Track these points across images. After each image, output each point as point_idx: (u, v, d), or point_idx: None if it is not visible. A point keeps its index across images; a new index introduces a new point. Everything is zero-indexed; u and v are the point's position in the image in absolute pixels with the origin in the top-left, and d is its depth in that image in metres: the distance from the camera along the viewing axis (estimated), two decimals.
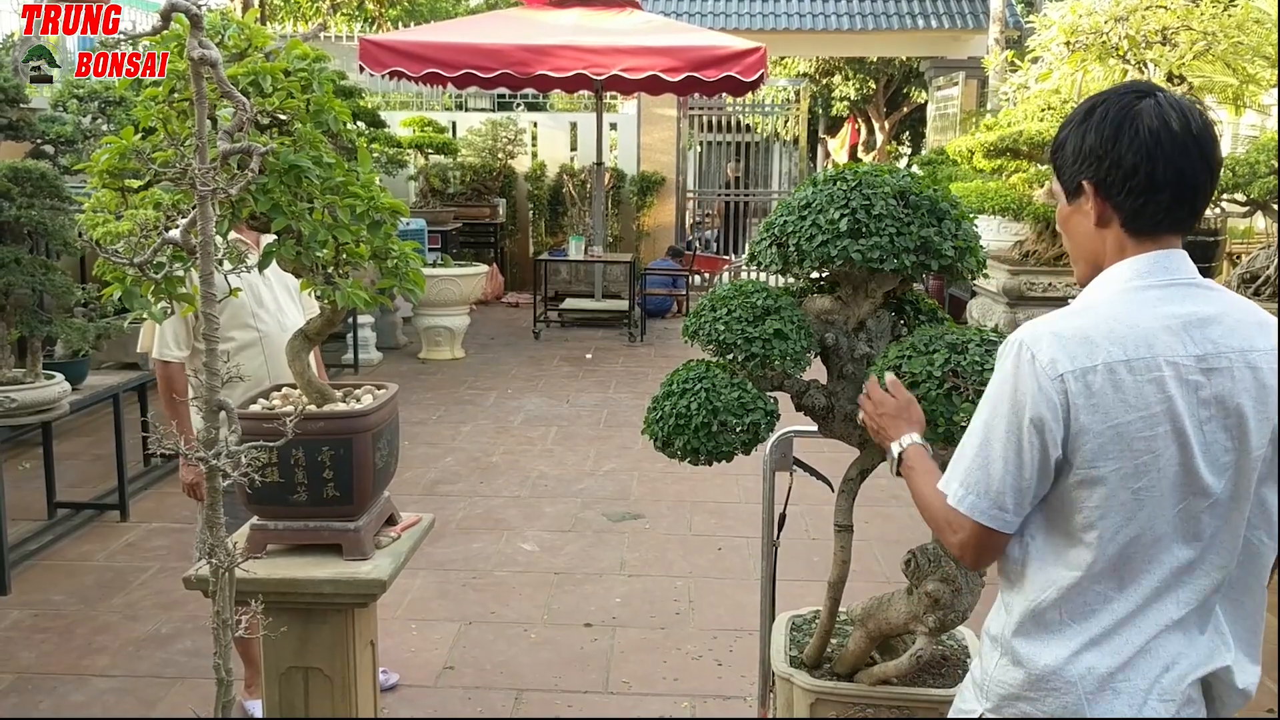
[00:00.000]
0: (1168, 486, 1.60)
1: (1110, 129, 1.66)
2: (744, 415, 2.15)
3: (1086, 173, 1.69)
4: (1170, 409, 1.58)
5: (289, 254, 2.27)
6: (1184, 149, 1.64)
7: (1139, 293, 1.64)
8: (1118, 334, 1.60)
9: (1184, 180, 1.65)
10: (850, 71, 24.38)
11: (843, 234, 2.17)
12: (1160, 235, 1.68)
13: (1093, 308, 1.67)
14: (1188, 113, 1.66)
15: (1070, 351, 1.60)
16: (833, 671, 2.39)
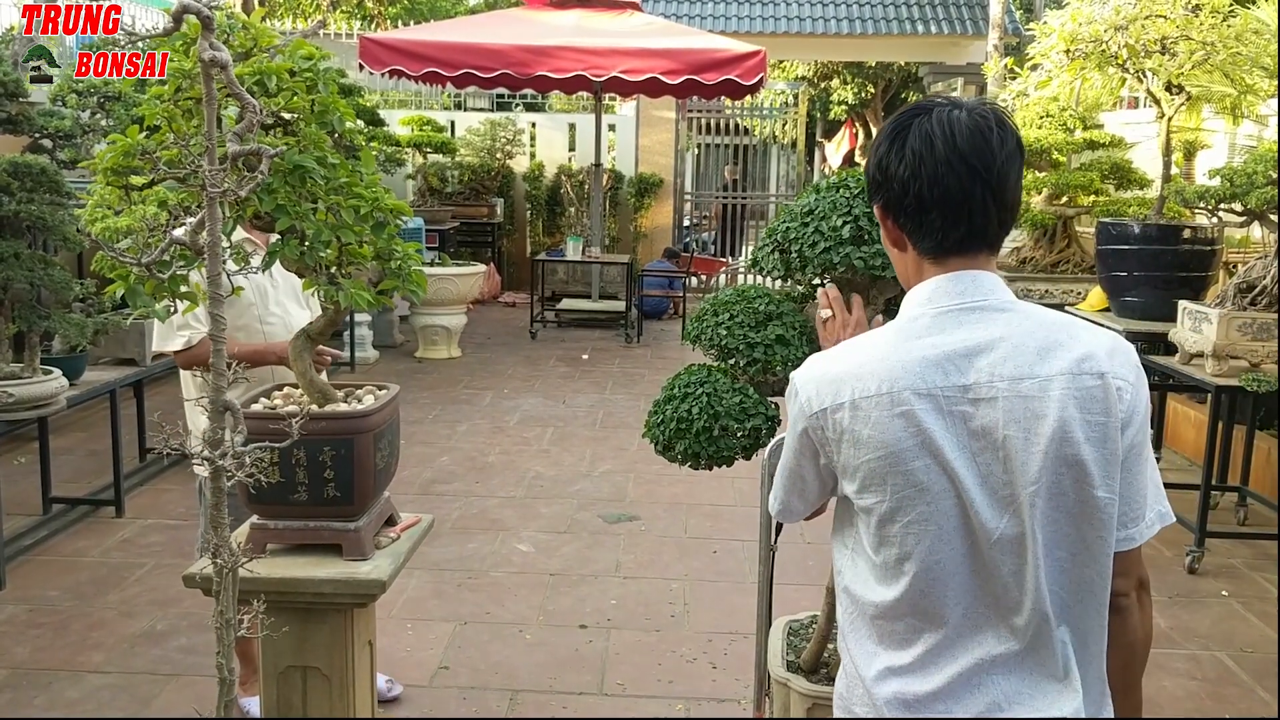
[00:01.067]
0: (946, 521, 1.54)
1: (884, 150, 1.63)
2: (745, 420, 2.16)
3: (875, 196, 1.68)
4: (928, 442, 1.52)
5: (293, 254, 2.28)
6: (947, 165, 1.56)
7: (910, 323, 1.60)
8: (867, 369, 1.57)
9: (950, 197, 1.57)
10: (849, 76, 24.43)
11: (845, 241, 2.19)
12: (948, 257, 1.61)
13: (860, 344, 1.64)
14: (954, 128, 1.57)
15: (821, 390, 1.60)
16: (829, 676, 2.40)
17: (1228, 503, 6.07)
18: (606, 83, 10.42)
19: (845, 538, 1.70)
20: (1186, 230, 6.11)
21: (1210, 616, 4.65)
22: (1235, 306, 5.22)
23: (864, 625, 1.64)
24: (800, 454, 1.67)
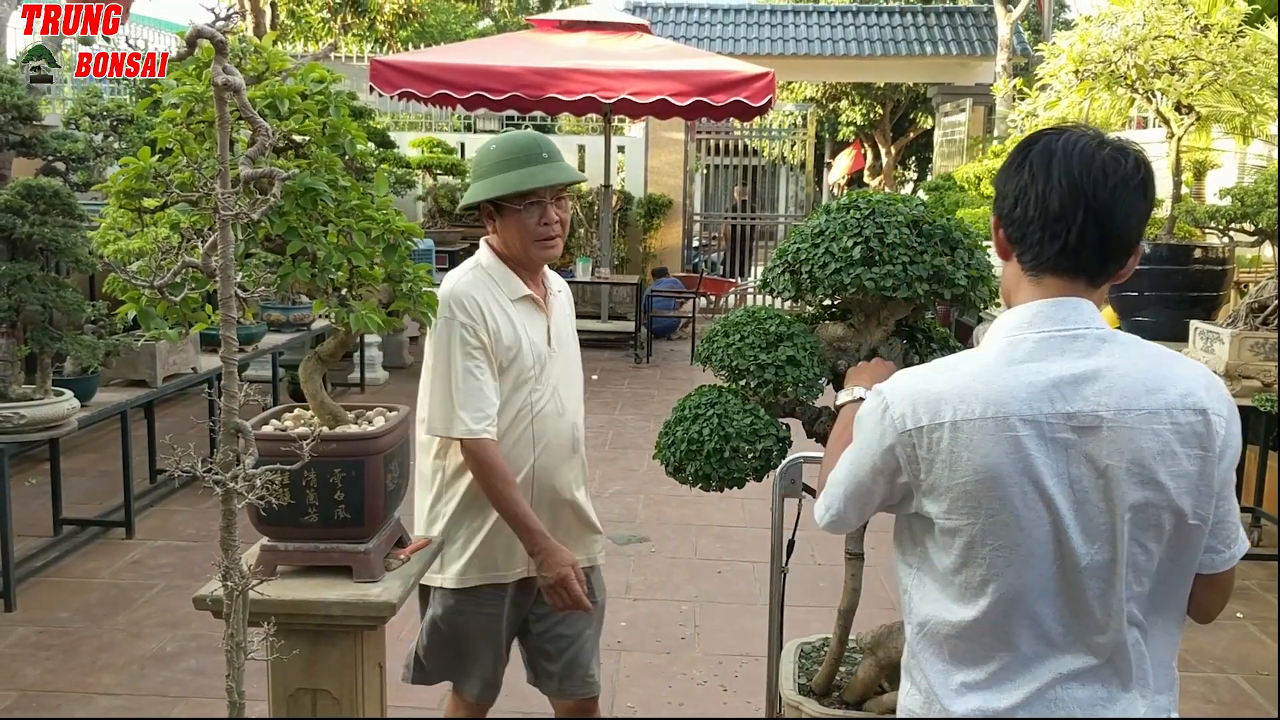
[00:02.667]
0: (1037, 546, 1.55)
1: (1007, 163, 1.69)
2: (756, 442, 2.16)
3: (995, 206, 1.71)
4: (1028, 469, 1.54)
5: (304, 276, 2.28)
6: (1055, 186, 1.59)
7: (1011, 347, 1.61)
8: (970, 391, 1.57)
9: (1051, 216, 1.59)
10: (857, 97, 24.47)
11: (856, 262, 2.18)
12: (1045, 276, 1.63)
13: (958, 364, 1.65)
14: (1078, 153, 1.60)
15: (918, 408, 1.60)
16: (842, 700, 2.38)
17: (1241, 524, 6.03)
18: (616, 104, 10.47)
19: (910, 556, 1.72)
20: (1197, 250, 6.10)
21: (1225, 639, 4.61)
22: (1247, 326, 5.21)
23: (934, 643, 1.66)
24: (877, 469, 1.67)
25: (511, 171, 2.62)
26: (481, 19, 26.80)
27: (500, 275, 2.71)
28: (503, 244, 2.73)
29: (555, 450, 2.80)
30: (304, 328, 7.76)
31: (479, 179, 2.66)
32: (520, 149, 2.64)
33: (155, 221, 2.44)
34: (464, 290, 2.64)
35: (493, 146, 2.68)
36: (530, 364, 2.70)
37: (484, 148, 2.71)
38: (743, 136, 15.60)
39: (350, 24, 19.25)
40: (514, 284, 2.71)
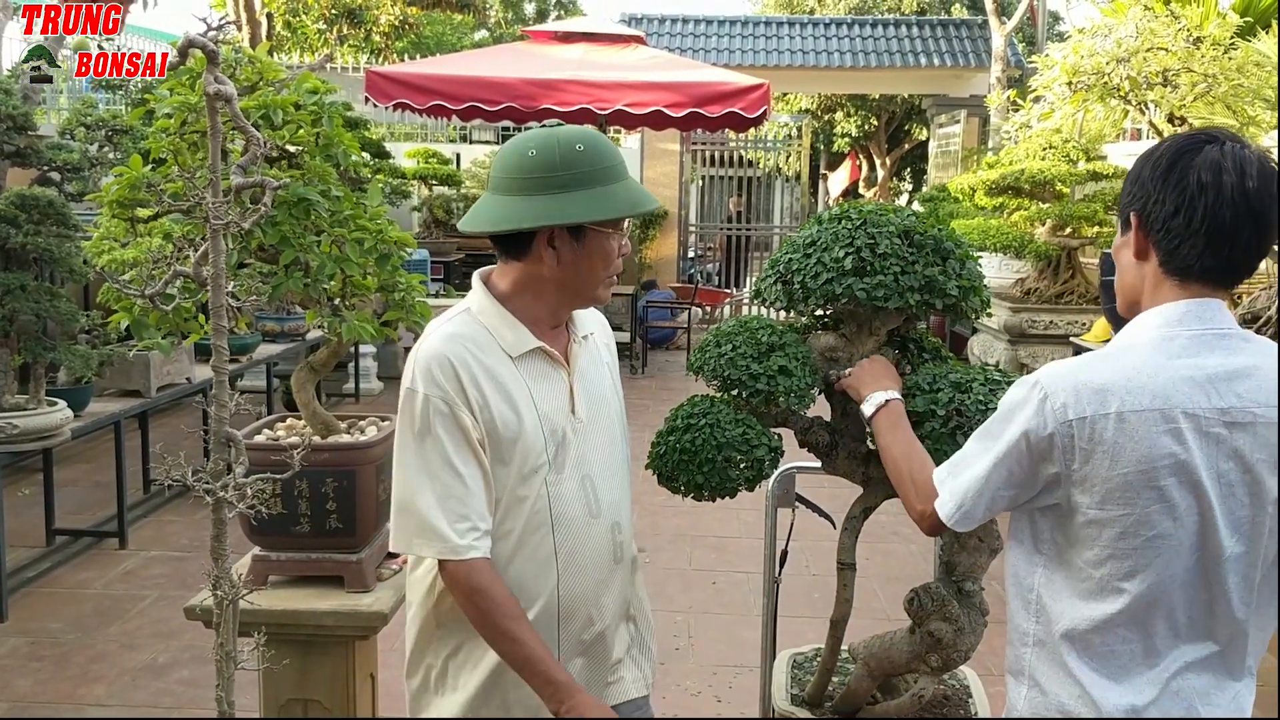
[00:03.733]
0: (1185, 538, 1.60)
1: (1164, 167, 1.69)
2: (749, 451, 2.15)
3: (1135, 204, 1.73)
4: (1186, 461, 1.57)
5: (297, 286, 2.28)
6: (1227, 202, 1.63)
7: (1166, 342, 1.65)
8: (1136, 384, 1.60)
9: (1220, 231, 1.64)
10: (852, 108, 24.54)
11: (848, 272, 2.19)
12: (1192, 282, 1.68)
13: (1116, 355, 1.67)
14: (1244, 166, 1.64)
15: (1082, 398, 1.61)
16: (834, 710, 2.38)
17: None
18: (611, 115, 10.46)
19: (1038, 554, 1.74)
20: None
21: None
22: None
23: (1070, 641, 1.68)
24: (1025, 459, 1.66)
25: (611, 185, 1.94)
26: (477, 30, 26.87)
27: (498, 324, 1.97)
28: (560, 278, 1.99)
29: (588, 564, 2.00)
30: (299, 338, 7.75)
31: (553, 190, 1.90)
32: (610, 156, 1.96)
33: (149, 231, 2.45)
34: (439, 352, 1.91)
35: (580, 147, 1.92)
36: (541, 447, 1.94)
37: (559, 148, 1.92)
38: (738, 148, 15.62)
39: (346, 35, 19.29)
40: (518, 335, 1.97)
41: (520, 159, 1.92)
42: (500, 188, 1.95)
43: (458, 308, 2.04)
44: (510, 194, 1.92)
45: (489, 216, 1.94)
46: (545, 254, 1.95)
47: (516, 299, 2.01)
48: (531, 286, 2.01)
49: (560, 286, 2.01)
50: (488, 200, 1.96)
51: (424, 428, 1.88)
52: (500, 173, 1.95)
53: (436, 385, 1.88)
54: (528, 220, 1.89)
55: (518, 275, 2.01)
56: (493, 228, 1.93)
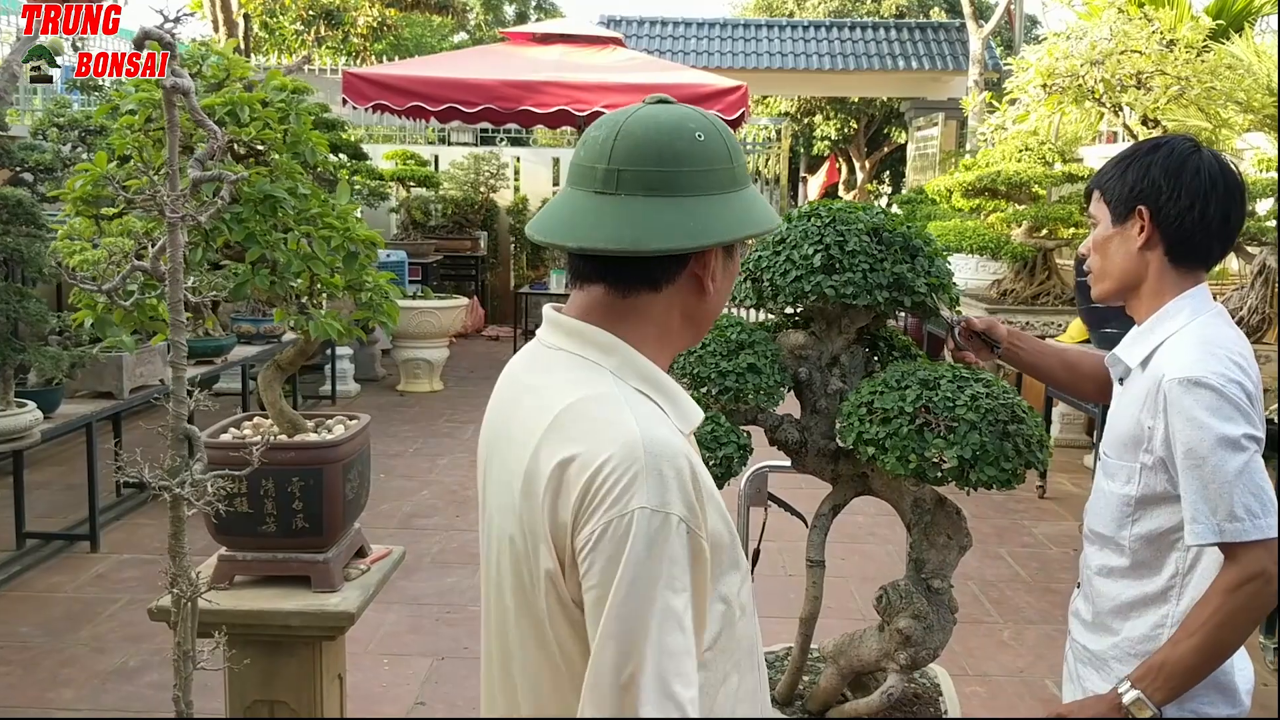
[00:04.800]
0: None
1: (1175, 166, 1.92)
2: (717, 449, 2.15)
3: (1147, 200, 1.93)
4: None
5: (263, 284, 2.26)
6: (1232, 196, 1.91)
7: (1217, 318, 1.94)
8: (1246, 357, 1.89)
9: (1228, 223, 1.92)
10: (831, 111, 24.60)
11: (816, 270, 2.18)
12: (1196, 268, 1.97)
13: (1214, 337, 1.90)
14: (1232, 166, 1.95)
15: (1242, 370, 1.85)
16: (804, 709, 2.37)
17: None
18: (589, 117, 10.46)
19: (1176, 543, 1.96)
20: None
21: None
22: None
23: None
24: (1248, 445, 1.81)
25: (756, 188, 1.54)
26: (457, 33, 26.81)
27: (660, 388, 1.36)
28: (707, 311, 1.42)
29: (759, 667, 1.47)
30: (274, 339, 7.71)
31: (730, 188, 1.35)
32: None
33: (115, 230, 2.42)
34: (677, 448, 1.25)
35: (722, 135, 1.36)
36: (730, 541, 1.34)
37: (721, 132, 1.37)
38: None
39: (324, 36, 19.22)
40: (689, 403, 1.40)
41: (683, 144, 1.31)
42: (637, 184, 1.29)
43: (609, 381, 1.31)
44: (659, 193, 1.29)
45: (654, 228, 1.28)
46: (707, 278, 1.36)
47: (655, 347, 1.37)
48: (673, 327, 1.39)
49: (699, 323, 1.43)
50: (612, 206, 1.30)
51: (673, 567, 1.17)
52: (639, 164, 1.29)
53: (687, 501, 1.21)
54: (726, 230, 1.31)
55: (654, 312, 1.36)
56: (689, 241, 1.28)
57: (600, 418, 1.26)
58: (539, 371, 1.37)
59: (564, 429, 1.26)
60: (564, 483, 1.23)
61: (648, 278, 1.34)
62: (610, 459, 1.20)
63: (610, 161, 1.31)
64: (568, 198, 1.35)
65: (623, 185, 1.30)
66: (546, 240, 1.33)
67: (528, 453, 1.29)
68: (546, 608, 1.26)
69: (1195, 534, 1.82)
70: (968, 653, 4.62)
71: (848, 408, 2.15)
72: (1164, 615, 1.95)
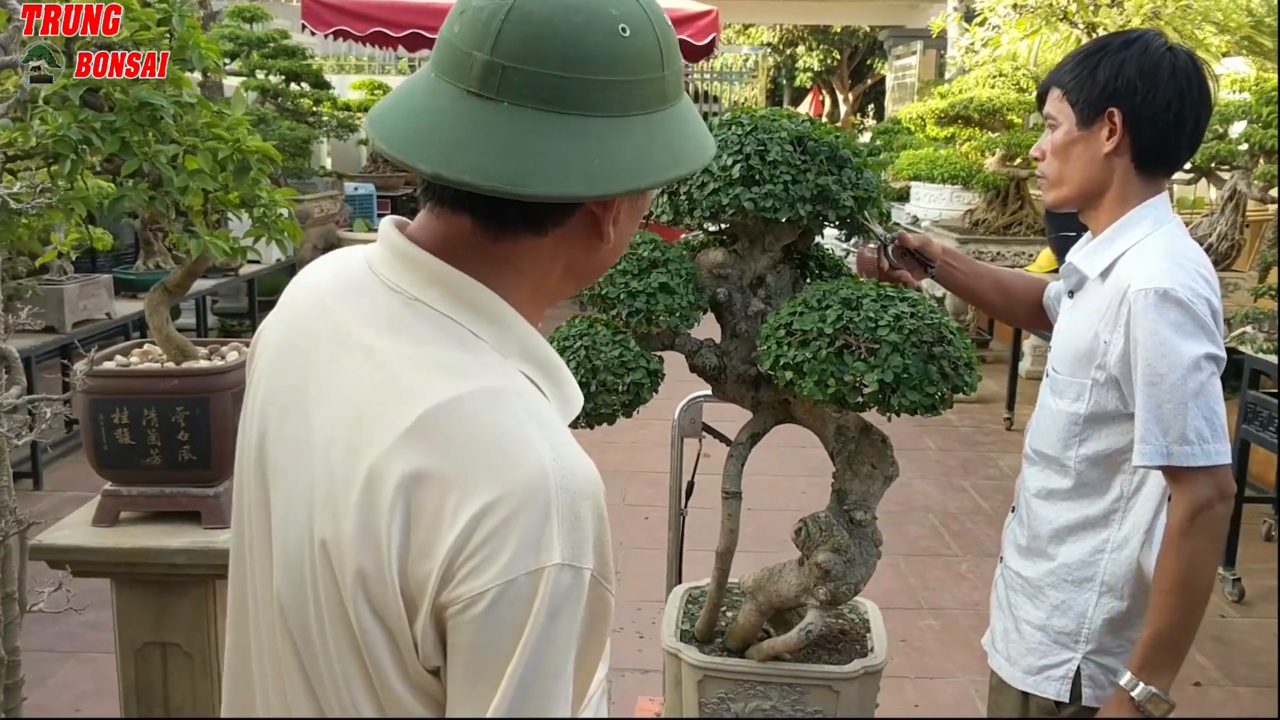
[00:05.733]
0: None
1: (1151, 64, 1.76)
2: (624, 375, 2.01)
3: (1120, 101, 1.79)
4: None
5: (141, 199, 2.10)
6: (1204, 100, 1.79)
7: (1179, 229, 1.86)
8: (1209, 268, 1.82)
9: (1199, 126, 1.81)
10: (814, 42, 24.21)
11: (735, 181, 2.03)
12: (1160, 175, 1.88)
13: (1179, 248, 1.80)
14: (1199, 66, 1.82)
15: (1210, 285, 1.77)
16: (724, 646, 2.27)
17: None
18: None
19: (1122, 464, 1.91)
20: None
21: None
22: None
23: (1141, 540, 1.89)
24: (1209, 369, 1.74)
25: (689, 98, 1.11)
26: None
27: (557, 371, 1.07)
28: (600, 262, 1.11)
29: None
30: (232, 272, 7.53)
31: (658, 104, 1.00)
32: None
33: None
34: (595, 479, 0.97)
35: (656, 31, 1.00)
36: None
37: (655, 22, 1.00)
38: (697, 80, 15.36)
39: None
40: (575, 387, 1.11)
41: (599, 40, 0.94)
42: (528, 91, 0.93)
43: (470, 363, 0.98)
44: (558, 108, 0.94)
45: (544, 161, 0.93)
46: (607, 223, 1.03)
47: (529, 306, 1.06)
48: (550, 282, 1.08)
49: (583, 278, 1.12)
50: (489, 117, 0.94)
51: (585, 629, 0.94)
52: (533, 62, 0.93)
53: (602, 555, 0.95)
54: (643, 171, 0.97)
55: (532, 262, 1.04)
56: (589, 187, 0.95)
57: (493, 432, 0.92)
58: (381, 326, 1.00)
59: (435, 441, 0.92)
60: (433, 517, 0.90)
61: (531, 219, 0.99)
62: (508, 497, 0.89)
63: (494, 51, 0.93)
64: (431, 91, 0.97)
65: (507, 89, 0.93)
66: (395, 155, 0.95)
67: (371, 454, 0.94)
68: (372, 655, 0.95)
69: (1143, 454, 1.72)
70: (924, 585, 4.54)
71: (766, 330, 2.01)
72: (1104, 540, 1.86)
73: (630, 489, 5.66)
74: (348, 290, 1.05)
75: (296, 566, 1.00)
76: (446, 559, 0.90)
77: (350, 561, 0.95)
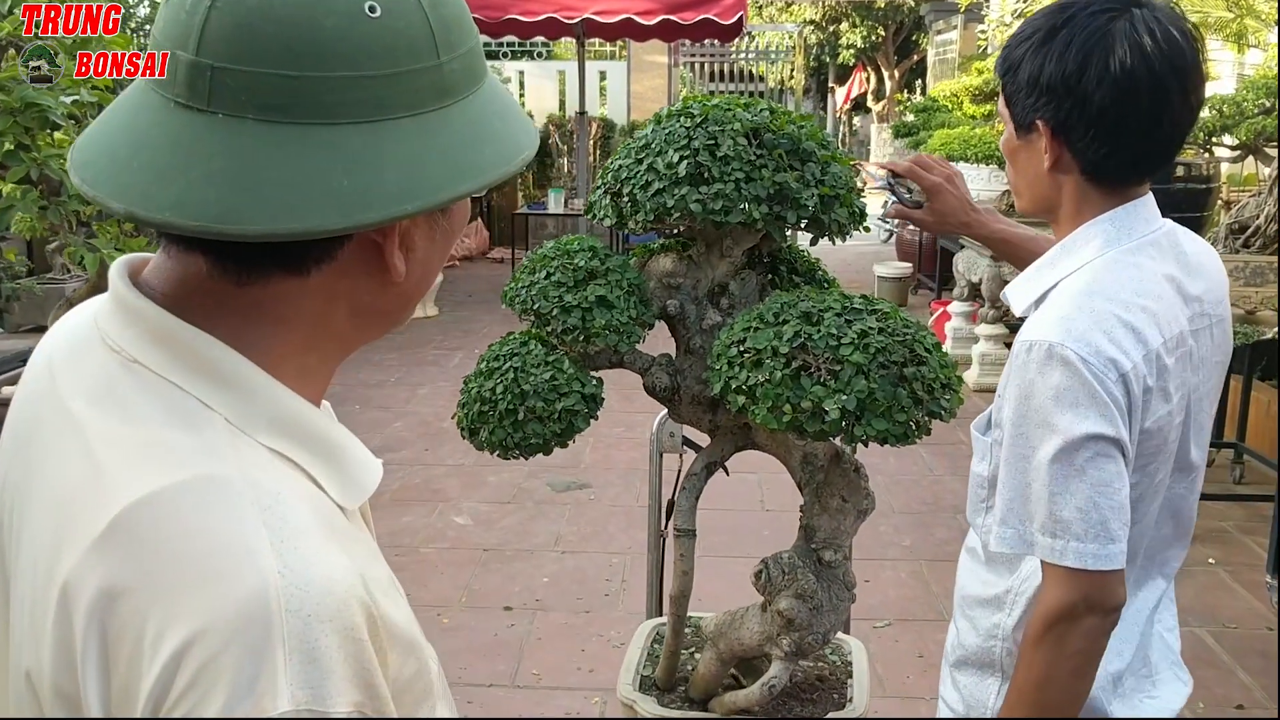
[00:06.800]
0: (1165, 469, 1.47)
1: (1075, 60, 1.39)
2: (556, 401, 1.78)
3: (1043, 110, 1.44)
4: (1185, 384, 1.45)
5: (29, 209, 1.91)
6: (1162, 86, 1.38)
7: (1133, 254, 1.45)
8: (1152, 312, 1.40)
9: (1159, 126, 1.41)
10: (858, 18, 23.67)
11: (681, 180, 1.79)
12: (1129, 186, 1.48)
13: (1105, 285, 1.41)
14: (1168, 36, 1.38)
15: (1123, 344, 1.36)
16: (686, 696, 2.04)
17: (1223, 459, 5.65)
18: (588, 28, 9.95)
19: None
20: (1179, 168, 5.66)
21: (1194, 587, 4.27)
22: (1227, 249, 4.80)
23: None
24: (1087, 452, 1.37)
25: (486, 74, 0.86)
26: None
27: (332, 446, 0.84)
28: (392, 300, 0.87)
29: None
30: None
31: (435, 101, 0.78)
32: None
33: None
34: (346, 592, 0.73)
35: (426, 3, 0.77)
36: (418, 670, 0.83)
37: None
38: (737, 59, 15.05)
39: None
40: (361, 463, 0.89)
41: (336, 25, 0.73)
42: (246, 97, 0.72)
43: (187, 443, 0.76)
44: (288, 118, 0.73)
45: (268, 189, 0.72)
46: (392, 253, 0.81)
47: (300, 362, 0.84)
48: (335, 328, 0.85)
49: (383, 315, 0.88)
50: (200, 133, 0.73)
51: None
52: (250, 61, 0.72)
53: (363, 682, 0.72)
54: (413, 191, 0.76)
55: (298, 310, 0.82)
56: (336, 219, 0.73)
57: (200, 539, 0.70)
58: (96, 397, 0.78)
59: (130, 550, 0.70)
60: (132, 650, 0.69)
61: (282, 257, 0.77)
62: (215, 626, 0.68)
63: (200, 49, 0.72)
64: (136, 106, 0.77)
65: (220, 97, 0.72)
66: (88, 192, 0.75)
67: (65, 566, 0.72)
68: None
69: (1001, 538, 1.41)
70: (946, 594, 4.28)
71: (718, 348, 1.78)
72: (995, 625, 1.59)
73: (644, 488, 5.43)
74: (73, 350, 0.84)
75: (16, 702, 0.80)
76: (149, 707, 0.68)
77: (49, 698, 0.74)
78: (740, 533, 4.66)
